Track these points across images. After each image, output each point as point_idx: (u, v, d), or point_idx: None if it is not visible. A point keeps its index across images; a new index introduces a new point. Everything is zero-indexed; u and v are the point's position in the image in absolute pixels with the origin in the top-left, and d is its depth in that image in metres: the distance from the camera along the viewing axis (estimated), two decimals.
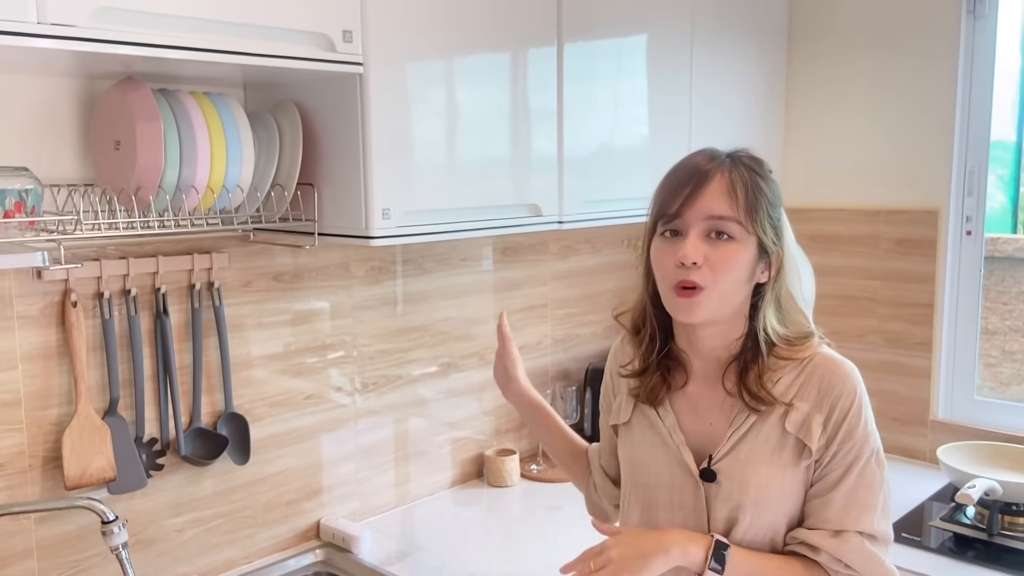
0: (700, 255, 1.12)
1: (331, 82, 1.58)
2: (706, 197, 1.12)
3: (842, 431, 1.16)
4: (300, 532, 1.95)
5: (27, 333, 1.52)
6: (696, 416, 1.24)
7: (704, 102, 2.28)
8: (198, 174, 1.49)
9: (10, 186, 1.29)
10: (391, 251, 2.05)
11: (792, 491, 1.19)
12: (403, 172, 1.61)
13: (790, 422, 1.16)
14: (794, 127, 2.65)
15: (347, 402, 2.01)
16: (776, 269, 1.18)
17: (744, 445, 1.18)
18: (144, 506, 1.70)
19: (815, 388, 1.17)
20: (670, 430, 1.24)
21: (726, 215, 1.12)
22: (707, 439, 1.22)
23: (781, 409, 1.17)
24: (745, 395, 1.17)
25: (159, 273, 1.66)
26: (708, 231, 1.13)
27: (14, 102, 1.47)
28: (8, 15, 1.13)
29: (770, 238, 1.15)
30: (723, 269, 1.12)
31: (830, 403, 1.16)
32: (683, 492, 1.22)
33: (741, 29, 2.41)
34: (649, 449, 1.26)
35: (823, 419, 1.16)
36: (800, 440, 1.16)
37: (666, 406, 1.25)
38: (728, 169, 1.15)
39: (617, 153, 2.04)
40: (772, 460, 1.17)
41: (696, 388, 1.24)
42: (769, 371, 1.18)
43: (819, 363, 1.18)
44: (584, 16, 1.91)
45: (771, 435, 1.17)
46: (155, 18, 1.27)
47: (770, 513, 1.19)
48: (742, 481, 1.17)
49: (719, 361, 1.22)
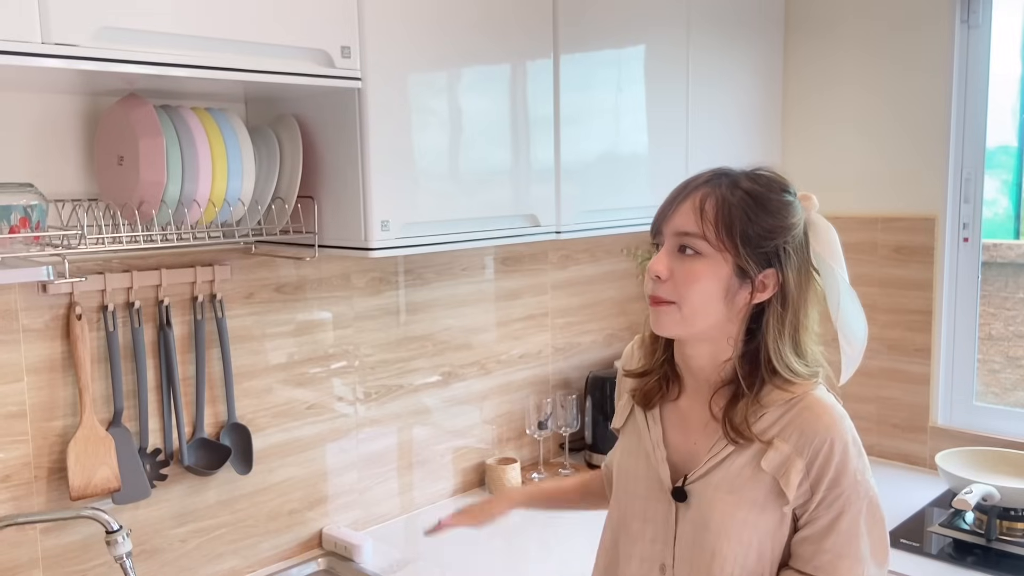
0: (664, 268, 1.14)
1: (330, 96, 1.60)
2: (678, 214, 1.14)
3: (827, 479, 1.12)
4: (303, 541, 1.97)
5: (32, 346, 1.55)
6: (683, 432, 1.24)
7: (701, 111, 2.30)
8: (200, 188, 1.51)
9: (15, 202, 1.31)
10: (392, 262, 2.08)
11: (768, 530, 1.15)
12: (401, 185, 1.63)
13: (766, 461, 1.13)
14: (791, 135, 2.67)
15: (349, 412, 2.03)
16: (775, 294, 1.14)
17: (718, 472, 1.17)
18: (149, 516, 1.72)
19: (798, 431, 1.13)
20: (654, 443, 1.24)
21: (691, 231, 1.12)
22: (689, 457, 1.22)
23: (760, 446, 1.14)
24: (727, 425, 1.16)
25: (162, 286, 1.69)
26: (676, 246, 1.15)
27: (20, 119, 1.50)
28: (13, 35, 1.16)
29: (750, 259, 1.11)
30: (685, 284, 1.13)
31: (813, 449, 1.12)
32: (656, 506, 1.23)
33: (737, 39, 2.43)
34: (633, 458, 1.28)
35: (804, 465, 1.12)
36: (777, 482, 1.13)
37: (656, 417, 1.26)
38: (713, 187, 1.14)
39: (614, 163, 2.07)
40: (743, 493, 1.15)
41: (687, 403, 1.24)
42: (758, 404, 1.15)
43: (807, 405, 1.14)
44: (579, 27, 1.94)
45: (745, 468, 1.15)
46: (156, 37, 1.30)
47: (739, 546, 1.15)
48: (710, 506, 1.16)
49: (708, 382, 1.21)
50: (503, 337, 2.35)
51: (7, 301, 1.51)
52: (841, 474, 1.12)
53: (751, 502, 1.14)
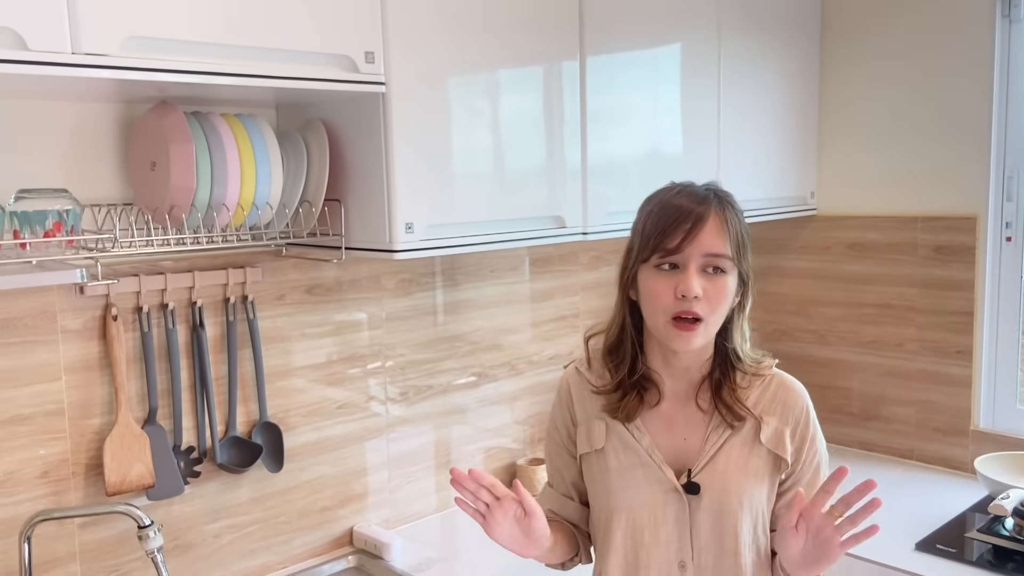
0: (700, 289, 1.21)
1: (356, 101, 1.63)
2: (704, 235, 1.21)
3: (807, 441, 1.31)
4: (334, 538, 2.00)
5: (70, 346, 1.60)
6: (670, 434, 1.30)
7: (733, 110, 2.28)
8: (229, 193, 1.55)
9: (50, 207, 1.36)
10: (421, 264, 2.10)
11: (764, 499, 1.29)
12: (426, 187, 1.65)
13: (764, 436, 1.28)
14: (828, 133, 2.63)
15: (379, 411, 2.06)
16: (745, 294, 1.29)
17: (720, 457, 1.27)
18: (183, 512, 1.76)
19: (780, 404, 1.30)
20: (648, 450, 1.29)
21: (721, 252, 1.22)
22: (682, 455, 1.29)
23: (752, 423, 1.28)
24: (722, 409, 1.28)
25: (195, 288, 1.73)
26: (705, 266, 1.22)
27: (59, 126, 1.55)
28: (44, 46, 1.20)
29: (748, 272, 1.27)
30: (718, 301, 1.23)
31: (794, 418, 1.30)
32: (666, 508, 1.27)
33: (771, 37, 2.41)
34: (628, 471, 1.30)
35: (789, 432, 1.29)
36: (774, 453, 1.28)
37: (640, 427, 1.30)
38: (719, 208, 1.24)
39: (642, 164, 2.06)
40: (747, 470, 1.27)
41: (669, 406, 1.31)
42: (739, 387, 1.29)
43: (780, 382, 1.32)
44: (606, 27, 1.94)
45: (744, 447, 1.28)
46: (182, 45, 1.33)
47: (751, 520, 1.28)
48: (723, 489, 1.26)
49: (691, 381, 1.31)
50: (534, 338, 2.36)
51: (47, 303, 1.57)
52: (815, 435, 1.31)
53: (755, 475, 1.27)
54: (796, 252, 2.72)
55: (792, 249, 2.72)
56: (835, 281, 2.65)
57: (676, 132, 2.15)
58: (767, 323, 2.78)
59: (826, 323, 2.68)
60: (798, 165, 2.58)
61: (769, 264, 2.76)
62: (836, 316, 2.65)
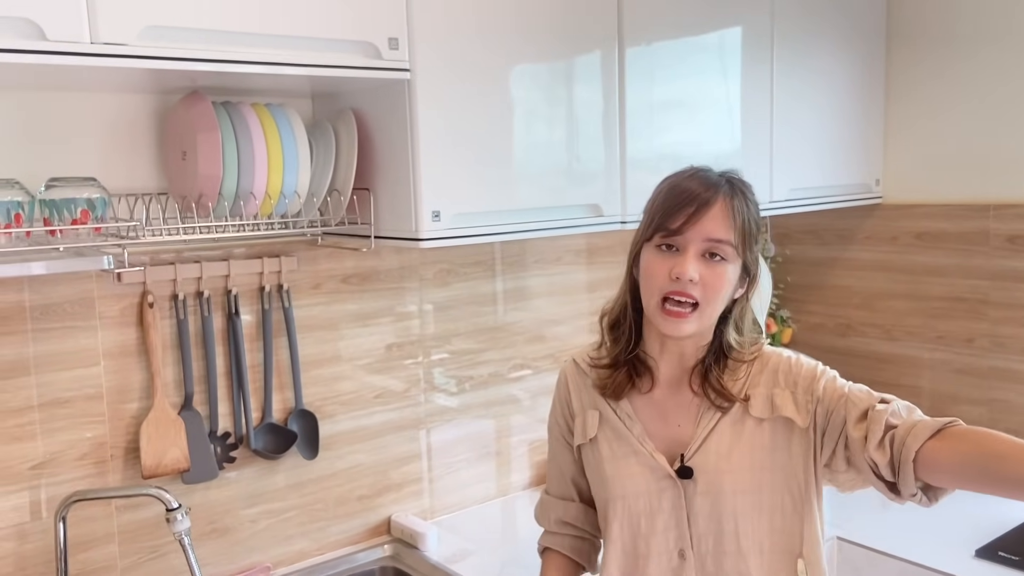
0: (697, 273, 1.18)
1: (385, 88, 1.62)
2: (707, 220, 1.18)
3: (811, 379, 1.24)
4: (372, 527, 2.01)
5: (108, 332, 1.64)
6: (663, 420, 1.28)
7: (787, 94, 2.19)
8: (256, 182, 1.57)
9: (79, 195, 1.40)
10: (460, 253, 2.08)
11: (785, 466, 1.23)
12: (453, 175, 1.63)
13: (754, 409, 1.23)
14: (895, 118, 2.50)
15: (418, 401, 2.05)
16: (750, 286, 1.27)
17: (713, 438, 1.24)
18: (220, 496, 1.80)
19: (768, 375, 1.25)
20: (639, 438, 1.27)
21: (723, 239, 1.19)
22: (675, 441, 1.27)
23: (740, 404, 1.24)
24: (711, 393, 1.25)
25: (231, 276, 1.76)
26: (705, 251, 1.19)
27: (96, 117, 1.59)
28: (63, 36, 1.23)
29: (754, 263, 1.24)
30: (715, 289, 1.19)
31: (784, 376, 1.25)
32: (661, 496, 1.25)
33: (831, 23, 2.30)
34: (621, 460, 1.28)
35: (789, 391, 1.23)
36: (778, 419, 1.22)
37: (632, 415, 1.29)
38: (728, 195, 1.20)
39: (685, 150, 1.99)
40: (743, 446, 1.23)
41: (662, 393, 1.29)
42: (729, 371, 1.26)
43: (765, 358, 1.28)
44: (647, 13, 1.88)
45: (737, 426, 1.24)
46: (200, 34, 1.35)
47: (757, 495, 1.22)
48: (717, 471, 1.22)
49: (684, 367, 1.28)
50: (579, 330, 2.32)
51: (86, 290, 1.61)
52: (812, 368, 1.25)
53: (752, 446, 1.22)
54: (861, 243, 2.60)
55: (857, 239, 2.60)
56: (902, 273, 2.52)
57: (723, 118, 2.08)
58: (831, 317, 2.67)
59: (893, 317, 2.55)
60: (862, 151, 2.46)
61: (832, 255, 2.65)
62: (903, 310, 2.52)
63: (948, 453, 1.09)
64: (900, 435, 1.13)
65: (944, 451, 1.09)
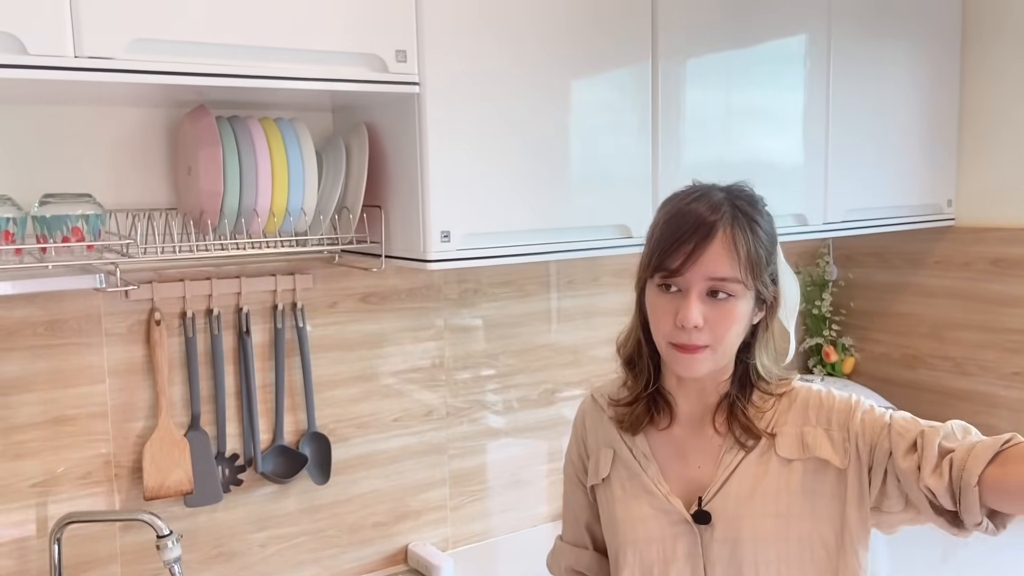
0: (701, 318, 1.09)
1: (398, 102, 1.54)
2: (708, 257, 1.09)
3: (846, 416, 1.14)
4: (388, 555, 1.94)
5: (114, 349, 1.62)
6: (683, 460, 1.19)
7: (844, 109, 2.04)
8: (259, 199, 1.51)
9: (72, 211, 1.36)
10: (489, 272, 2.00)
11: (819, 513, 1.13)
12: (464, 193, 1.55)
13: (781, 449, 1.14)
14: (970, 135, 2.30)
15: (439, 426, 1.97)
16: (771, 308, 1.17)
17: (734, 481, 1.14)
18: (228, 519, 1.75)
19: (797, 411, 1.16)
20: (654, 480, 1.19)
21: (727, 276, 1.09)
22: (695, 483, 1.17)
23: (766, 442, 1.15)
24: (736, 428, 1.16)
25: (242, 294, 1.71)
26: (708, 291, 1.10)
27: (107, 132, 1.56)
28: (45, 50, 1.20)
29: (768, 289, 1.14)
30: (723, 328, 1.11)
31: (817, 415, 1.15)
32: (675, 542, 1.16)
33: (896, 24, 2.13)
34: (633, 502, 1.19)
35: (824, 430, 1.14)
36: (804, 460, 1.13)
37: (648, 455, 1.20)
38: (730, 222, 1.10)
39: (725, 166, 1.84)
40: (767, 490, 1.13)
41: (682, 431, 1.21)
42: (754, 406, 1.17)
43: (794, 394, 1.18)
44: (682, 21, 1.76)
45: (760, 467, 1.14)
46: (190, 47, 1.30)
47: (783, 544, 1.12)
48: (736, 516, 1.13)
49: (706, 403, 1.19)
50: (615, 355, 2.19)
51: (92, 306, 1.59)
52: (846, 401, 1.15)
53: (776, 490, 1.12)
54: (930, 267, 2.40)
55: (926, 264, 2.41)
56: (976, 302, 2.31)
57: (770, 132, 1.93)
58: (896, 347, 2.47)
59: (965, 350, 2.35)
60: (932, 170, 2.27)
61: (899, 280, 2.45)
62: (976, 342, 2.32)
63: (1016, 472, 0.98)
64: (959, 458, 1.02)
65: (1011, 471, 0.99)
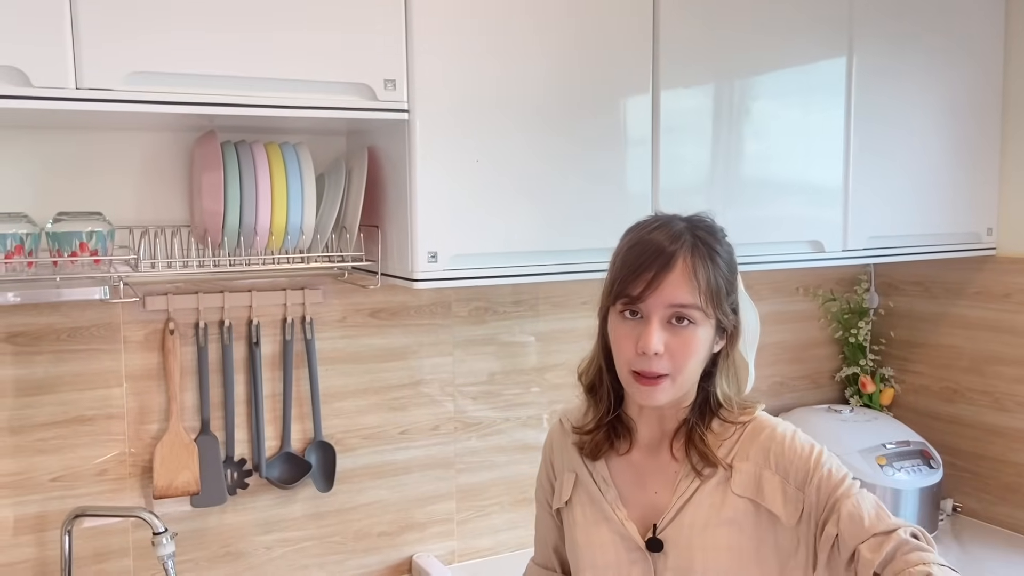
0: (662, 344, 1.11)
1: (392, 128, 1.61)
2: (668, 285, 1.11)
3: (806, 468, 1.14)
4: (392, 565, 1.99)
5: (132, 356, 1.73)
6: (641, 486, 1.21)
7: (868, 130, 2.00)
8: (259, 218, 1.60)
9: (81, 228, 1.48)
10: (500, 291, 2.04)
11: (769, 559, 1.14)
12: (452, 216, 1.60)
13: (736, 484, 1.15)
14: (1013, 159, 2.21)
15: (446, 440, 2.02)
16: (731, 338, 1.19)
17: (689, 510, 1.16)
18: (235, 521, 1.84)
19: (757, 448, 1.16)
20: (612, 504, 1.21)
21: (688, 303, 1.12)
22: (652, 508, 1.19)
23: (723, 473, 1.16)
24: (693, 456, 1.17)
25: (253, 307, 1.80)
26: (669, 318, 1.13)
27: (133, 155, 1.68)
28: (48, 82, 1.31)
29: (728, 318, 1.16)
30: (684, 356, 1.13)
31: (775, 457, 1.15)
32: (631, 568, 1.18)
33: (930, 39, 2.07)
34: (592, 528, 1.21)
35: (779, 478, 1.14)
36: (757, 504, 1.13)
37: (607, 479, 1.22)
38: (690, 251, 1.13)
39: (731, 186, 1.86)
40: (719, 521, 1.14)
41: (640, 456, 1.23)
42: (713, 433, 1.18)
43: (758, 426, 1.19)
44: (683, 48, 1.77)
45: (715, 497, 1.16)
46: (183, 78, 1.39)
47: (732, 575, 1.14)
48: (688, 547, 1.14)
49: (664, 429, 1.21)
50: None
51: (112, 315, 1.71)
52: (810, 453, 1.14)
53: (730, 524, 1.14)
54: (970, 298, 2.31)
55: (965, 295, 2.31)
56: (1017, 335, 2.21)
57: (781, 153, 1.92)
58: (936, 379, 2.38)
59: (1005, 385, 2.24)
60: (969, 196, 2.19)
61: (940, 310, 2.36)
62: (1017, 377, 2.21)
63: None
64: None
65: None
